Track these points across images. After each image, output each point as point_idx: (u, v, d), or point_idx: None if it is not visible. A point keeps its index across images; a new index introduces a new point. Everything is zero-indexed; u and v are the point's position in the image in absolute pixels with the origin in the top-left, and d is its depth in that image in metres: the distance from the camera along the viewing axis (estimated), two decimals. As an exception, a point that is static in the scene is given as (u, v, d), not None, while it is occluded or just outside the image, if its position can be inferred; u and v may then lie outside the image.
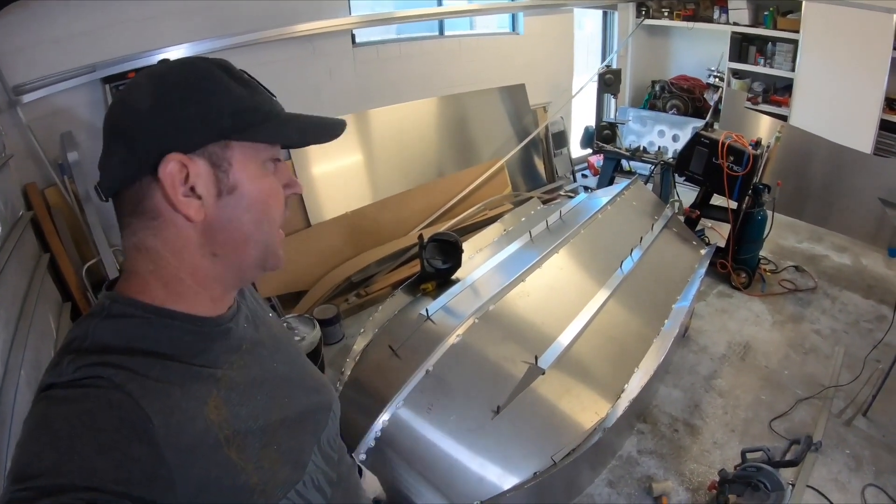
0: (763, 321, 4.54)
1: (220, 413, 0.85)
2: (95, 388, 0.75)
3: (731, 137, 4.75)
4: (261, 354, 1.00)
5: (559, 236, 3.83)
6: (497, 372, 2.79)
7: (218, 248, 0.88)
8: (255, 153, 0.88)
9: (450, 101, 6.31)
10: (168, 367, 0.82)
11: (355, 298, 4.85)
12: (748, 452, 2.98)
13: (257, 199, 0.88)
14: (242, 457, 0.85)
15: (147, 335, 0.83)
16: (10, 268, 2.77)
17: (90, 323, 0.83)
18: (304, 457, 0.99)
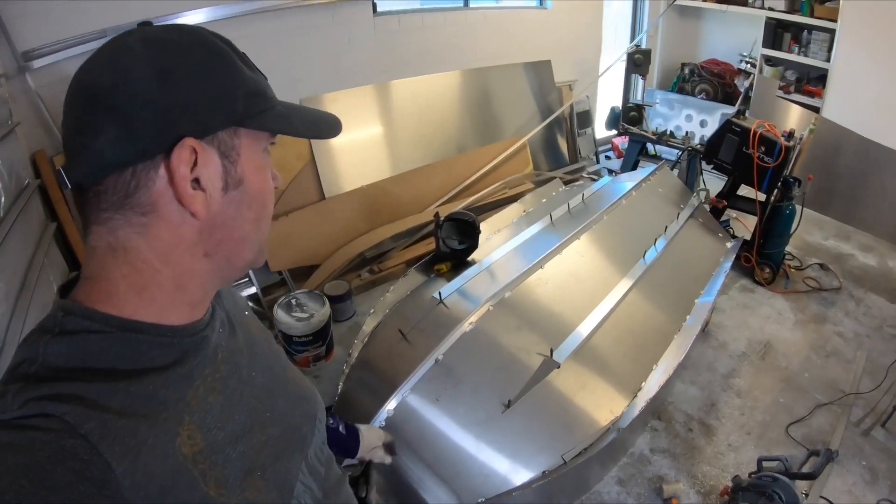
0: (785, 320, 4.39)
1: (194, 444, 0.73)
2: (44, 433, 0.61)
3: (763, 127, 4.58)
4: (238, 363, 0.89)
5: (581, 221, 3.69)
6: (510, 363, 2.68)
7: (212, 249, 0.78)
8: (259, 142, 0.80)
9: (473, 74, 6.11)
10: (132, 395, 0.69)
11: (368, 275, 4.76)
12: (765, 461, 2.86)
13: (259, 194, 0.81)
14: (223, 492, 0.74)
15: (107, 353, 0.71)
16: (13, 238, 2.67)
17: (40, 341, 0.69)
18: (291, 479, 0.90)
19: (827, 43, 6.66)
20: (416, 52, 5.67)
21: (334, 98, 5.04)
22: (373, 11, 5.28)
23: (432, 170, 5.60)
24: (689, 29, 8.34)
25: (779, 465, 2.80)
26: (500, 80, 6.30)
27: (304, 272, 4.64)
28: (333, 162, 5.09)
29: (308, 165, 4.89)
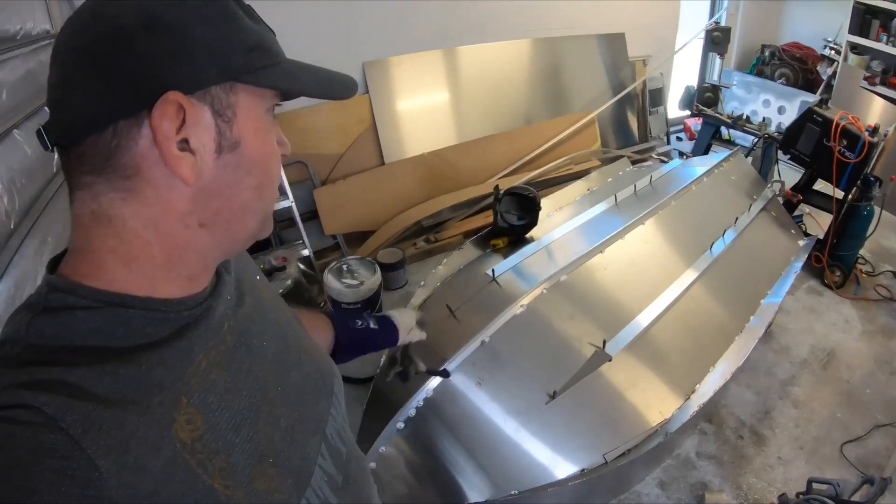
0: (852, 328, 4.16)
1: (193, 429, 0.65)
2: (22, 427, 0.53)
3: (846, 119, 4.30)
4: (248, 332, 0.81)
5: (647, 205, 3.50)
6: (559, 352, 2.54)
7: (208, 219, 0.69)
8: (262, 102, 0.70)
9: (543, 44, 5.90)
10: (121, 377, 0.61)
11: (424, 244, 4.70)
12: (815, 482, 2.68)
13: (261, 159, 0.71)
14: (229, 483, 0.66)
15: (94, 331, 0.63)
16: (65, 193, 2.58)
17: (23, 319, 0.63)
18: (309, 464, 0.82)
19: (918, 33, 6.22)
20: (487, 18, 5.48)
21: (399, 62, 4.94)
22: (444, -27, 5.10)
23: (496, 141, 5.47)
24: (772, 9, 7.98)
25: (829, 489, 2.63)
26: (571, 51, 6.10)
27: (359, 237, 4.62)
28: (395, 127, 5.02)
29: (368, 129, 4.83)
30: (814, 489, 2.65)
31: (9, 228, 2.06)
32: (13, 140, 2.25)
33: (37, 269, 2.14)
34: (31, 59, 2.73)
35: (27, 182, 2.33)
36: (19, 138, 2.32)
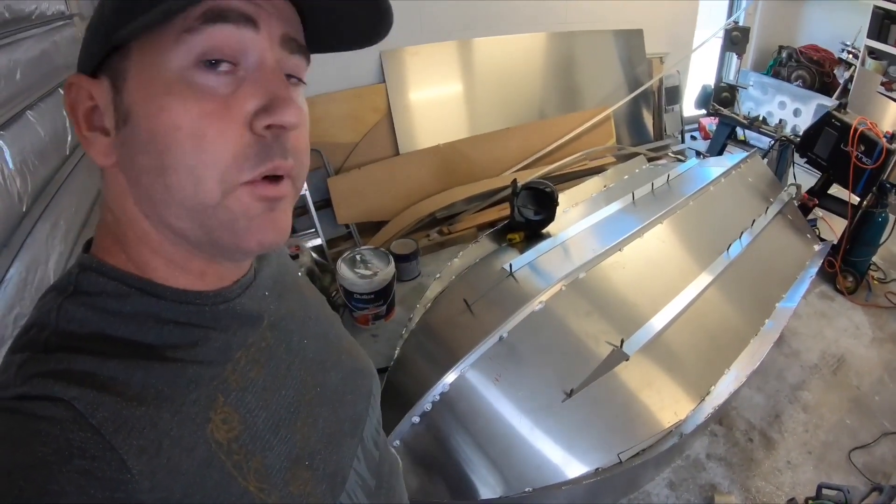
0: (863, 335, 4.15)
1: (229, 430, 0.62)
2: (49, 423, 0.50)
3: (865, 124, 4.29)
4: (288, 329, 0.77)
5: (665, 204, 3.49)
6: (577, 350, 2.54)
7: (140, 202, 0.61)
8: (159, 56, 0.55)
9: (560, 38, 5.88)
10: (154, 372, 0.58)
11: (437, 235, 4.70)
12: (825, 488, 2.69)
13: (156, 132, 0.56)
14: (264, 486, 0.63)
15: (126, 320, 0.60)
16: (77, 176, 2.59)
17: (53, 302, 0.59)
18: (344, 467, 0.78)
19: (937, 39, 6.20)
20: (504, 9, 5.45)
21: (415, 52, 4.93)
22: (461, -38, 5.09)
23: (511, 134, 5.46)
24: (791, 10, 7.92)
25: (839, 495, 2.65)
26: (588, 46, 6.07)
27: (372, 227, 4.62)
28: (410, 117, 5.01)
29: (384, 119, 4.83)
30: (823, 494, 2.66)
31: (20, 210, 2.03)
32: (26, 121, 2.23)
33: (48, 253, 2.13)
34: (46, 39, 2.72)
35: (40, 164, 2.31)
36: (32, 119, 2.30)
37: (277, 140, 0.58)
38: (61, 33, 2.95)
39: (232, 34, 0.55)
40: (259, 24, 0.57)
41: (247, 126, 0.56)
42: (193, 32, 0.54)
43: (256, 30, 0.57)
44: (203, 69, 0.55)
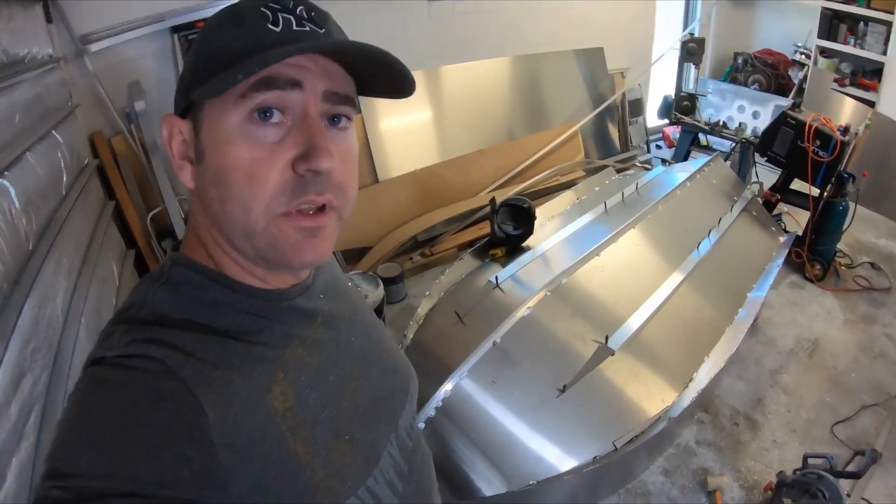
0: (834, 318, 4.36)
1: (285, 400, 0.76)
2: (144, 374, 0.66)
3: (819, 120, 4.53)
4: (338, 328, 0.91)
5: (635, 211, 3.71)
6: (565, 349, 2.72)
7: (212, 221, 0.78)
8: (224, 110, 0.70)
9: (524, 61, 6.12)
10: (228, 347, 0.73)
11: (420, 258, 4.83)
12: (810, 457, 2.87)
13: (220, 171, 0.71)
14: (310, 450, 0.76)
15: (206, 307, 0.75)
16: (75, 215, 2.76)
17: (149, 289, 0.75)
18: (379, 448, 0.90)
19: (884, 35, 6.50)
20: (470, 38, 5.71)
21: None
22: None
23: (484, 156, 5.63)
24: (743, 18, 8.22)
25: (824, 462, 2.81)
26: (551, 66, 6.30)
27: (356, 254, 4.72)
28: (386, 145, 5.18)
29: (362, 148, 4.98)
30: (809, 464, 2.83)
31: (27, 249, 2.19)
32: (26, 162, 2.37)
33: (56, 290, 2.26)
34: (39, 82, 2.90)
35: (41, 203, 2.47)
36: (32, 160, 2.45)
37: (316, 179, 0.71)
38: (51, 76, 3.17)
39: (280, 96, 0.69)
40: (304, 85, 0.70)
41: (290, 168, 0.70)
42: (248, 98, 0.68)
43: (302, 90, 0.70)
44: (257, 121, 0.69)
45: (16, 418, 1.65)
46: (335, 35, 0.77)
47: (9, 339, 1.71)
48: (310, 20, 0.74)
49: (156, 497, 0.60)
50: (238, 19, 0.71)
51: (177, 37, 4.09)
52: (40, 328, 2.00)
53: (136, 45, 3.99)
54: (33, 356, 1.89)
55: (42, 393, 1.88)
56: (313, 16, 0.75)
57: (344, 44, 0.74)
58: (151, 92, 3.98)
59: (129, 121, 3.96)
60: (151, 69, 4.13)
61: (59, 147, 2.94)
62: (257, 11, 0.71)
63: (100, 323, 2.54)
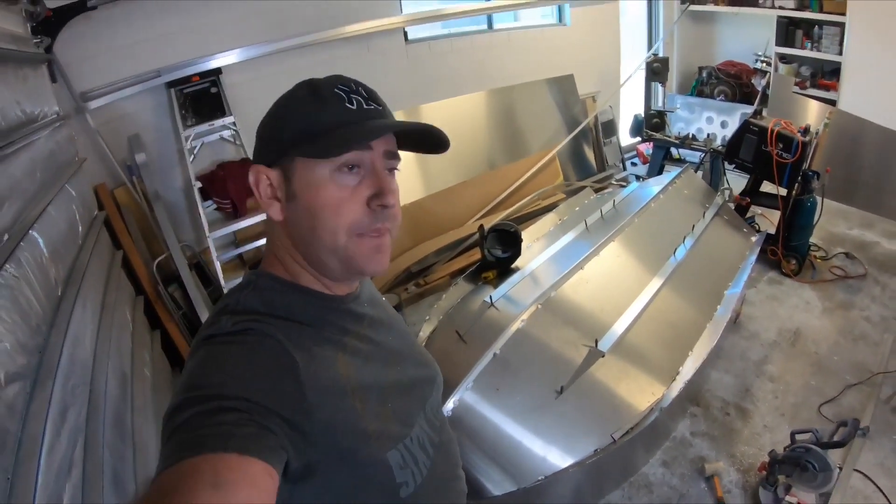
0: (813, 308, 4.60)
1: (347, 369, 1.02)
2: (252, 336, 0.93)
3: (779, 125, 4.80)
4: (379, 330, 1.16)
5: (614, 225, 3.96)
6: (559, 355, 2.95)
7: (297, 244, 1.04)
8: (316, 163, 0.97)
9: (500, 93, 6.42)
10: (304, 331, 1.00)
11: (415, 288, 5.02)
12: (797, 434, 3.05)
13: (311, 207, 0.98)
14: (363, 407, 1.00)
15: (285, 304, 1.02)
16: (93, 264, 2.94)
17: (241, 293, 1.02)
18: (412, 418, 1.12)
19: (838, 36, 6.85)
20: (447, 76, 6.02)
21: None
22: (405, 39, 5.66)
23: (468, 186, 5.88)
24: (704, 33, 8.56)
25: (811, 436, 2.99)
26: (525, 97, 6.58)
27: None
28: (374, 184, 5.37)
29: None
30: (797, 439, 3.02)
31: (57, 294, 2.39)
32: (49, 215, 2.56)
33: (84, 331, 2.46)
34: (51, 139, 3.11)
35: (65, 252, 2.68)
36: (53, 213, 2.65)
37: (382, 212, 0.99)
38: (60, 133, 3.38)
39: (357, 155, 0.98)
40: (374, 148, 0.99)
41: (365, 204, 0.98)
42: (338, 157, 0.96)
43: (371, 151, 0.99)
44: (342, 171, 0.97)
45: (66, 446, 1.84)
46: (386, 110, 1.04)
47: (55, 375, 1.92)
48: (371, 99, 1.02)
49: (261, 405, 0.83)
50: (320, 98, 0.99)
51: (173, 91, 4.32)
52: (76, 367, 2.20)
53: (133, 100, 4.22)
54: (73, 392, 2.08)
55: (83, 426, 2.07)
56: (371, 95, 1.03)
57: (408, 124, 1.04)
58: (151, 144, 4.23)
59: (130, 173, 4.18)
60: (150, 122, 4.36)
61: (74, 200, 3.14)
62: (333, 93, 1.00)
63: (122, 364, 2.75)
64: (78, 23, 3.76)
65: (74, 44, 3.82)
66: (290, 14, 4.80)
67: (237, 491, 0.72)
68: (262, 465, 0.77)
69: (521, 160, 6.32)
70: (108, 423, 2.22)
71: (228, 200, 4.41)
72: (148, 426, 2.61)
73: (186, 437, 0.77)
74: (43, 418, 1.71)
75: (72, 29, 3.74)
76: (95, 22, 3.87)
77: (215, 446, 0.75)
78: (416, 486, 1.07)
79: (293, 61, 4.83)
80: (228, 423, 0.79)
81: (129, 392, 2.64)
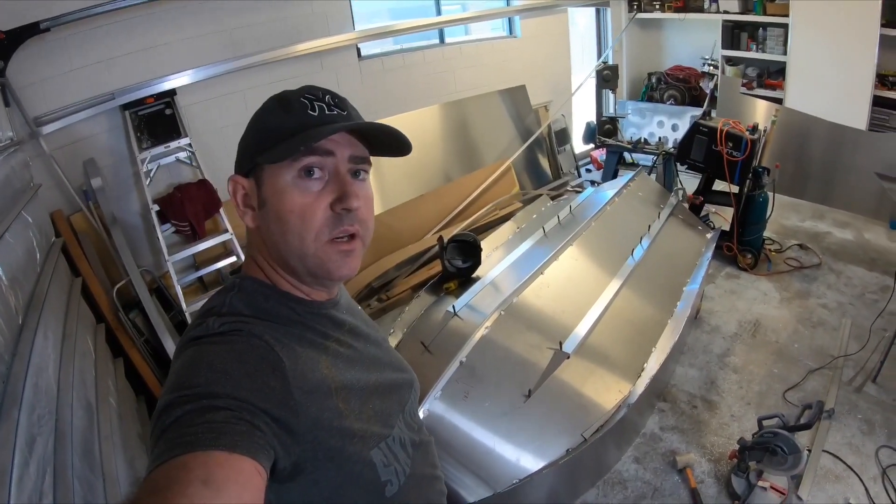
0: (771, 299, 4.71)
1: (330, 370, 1.04)
2: (239, 335, 0.96)
3: (728, 124, 4.93)
4: (358, 337, 1.18)
5: (571, 230, 4.01)
6: (525, 359, 2.98)
7: (271, 251, 1.07)
8: (280, 170, 1.00)
9: (453, 106, 6.49)
10: (289, 333, 1.02)
11: (377, 303, 5.01)
12: (764, 420, 3.11)
13: (278, 213, 1.01)
14: (346, 407, 1.03)
15: (269, 307, 1.04)
16: (52, 292, 2.90)
17: (227, 296, 1.05)
18: (392, 419, 1.15)
19: (782, 37, 7.05)
20: (401, 90, 6.08)
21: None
22: (358, 56, 5.70)
23: (424, 200, 5.92)
24: (652, 39, 8.76)
25: (777, 421, 3.04)
26: (478, 109, 6.66)
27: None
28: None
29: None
30: (764, 425, 3.07)
31: (18, 322, 2.36)
32: (6, 242, 2.55)
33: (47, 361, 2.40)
34: (6, 165, 3.07)
35: (24, 280, 2.64)
36: (10, 240, 2.63)
37: (348, 215, 1.02)
38: (14, 159, 3.32)
39: (320, 160, 1.00)
40: (335, 153, 1.02)
41: (329, 208, 1.01)
42: (297, 161, 0.99)
43: (334, 157, 1.02)
44: (304, 177, 1.00)
45: (35, 476, 1.82)
46: (353, 115, 1.08)
47: (20, 405, 1.90)
48: (336, 105, 1.06)
49: (250, 403, 0.85)
50: (285, 107, 1.03)
51: (127, 113, 4.26)
52: (41, 396, 2.16)
53: (88, 123, 4.17)
54: (39, 422, 2.05)
55: (51, 456, 2.04)
56: (337, 102, 1.07)
57: (362, 124, 1.05)
58: (107, 168, 4.16)
59: (87, 198, 4.11)
60: (105, 146, 4.30)
61: (30, 227, 3.10)
62: (298, 101, 1.03)
63: (86, 393, 2.69)
64: (31, 45, 3.72)
65: (28, 67, 3.78)
66: (244, 34, 4.82)
67: (227, 488, 0.74)
68: (251, 463, 0.80)
69: (477, 171, 6.38)
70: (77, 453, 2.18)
71: (187, 223, 4.33)
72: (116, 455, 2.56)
73: (177, 434, 0.79)
74: (11, 448, 1.70)
75: (25, 51, 3.70)
76: (49, 44, 3.84)
77: (206, 444, 0.77)
78: (400, 485, 1.11)
79: (247, 80, 4.84)
80: (218, 420, 0.81)
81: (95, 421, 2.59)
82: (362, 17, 5.73)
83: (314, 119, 1.02)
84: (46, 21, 3.68)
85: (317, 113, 1.03)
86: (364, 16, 5.78)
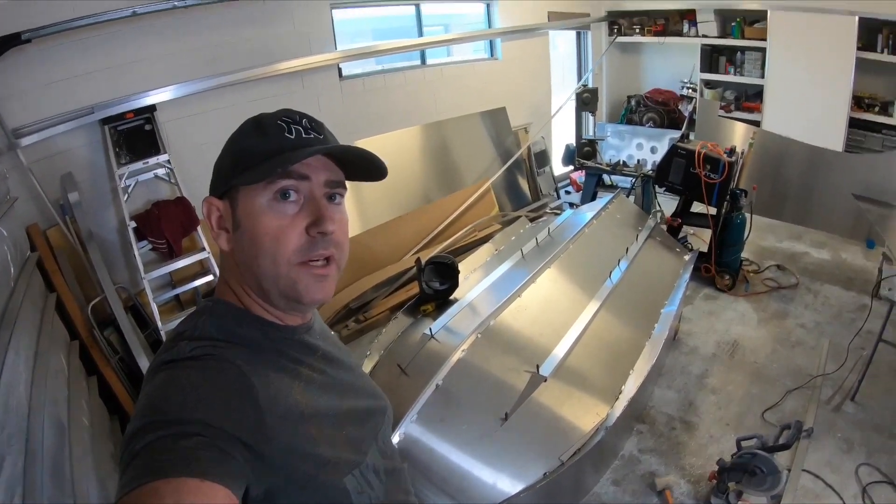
0: (749, 320, 4.74)
1: (303, 396, 1.03)
2: (212, 360, 0.95)
3: (706, 147, 4.99)
4: (331, 362, 1.17)
5: (549, 252, 4.02)
6: (502, 382, 2.96)
7: (244, 274, 1.06)
8: (255, 192, 1.00)
9: (433, 128, 6.52)
10: (262, 359, 1.02)
11: (354, 324, 5.01)
12: (743, 440, 3.12)
13: (253, 236, 1.00)
14: (319, 433, 1.02)
15: (241, 332, 1.03)
16: (25, 308, 2.86)
17: (198, 320, 1.03)
18: (366, 446, 1.15)
19: (759, 61, 7.22)
20: (381, 111, 6.09)
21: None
22: (339, 76, 5.71)
23: (404, 221, 5.92)
24: (632, 63, 8.89)
25: (756, 442, 3.07)
26: (459, 130, 6.70)
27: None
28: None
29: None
30: (743, 446, 3.09)
31: None
32: None
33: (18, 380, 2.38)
34: None
35: None
36: None
37: (323, 238, 1.01)
38: None
39: (294, 183, 1.00)
40: (311, 178, 1.01)
41: (304, 232, 1.00)
42: (273, 184, 0.98)
43: (309, 181, 1.01)
44: (279, 200, 0.99)
45: (4, 497, 1.80)
46: (329, 139, 1.08)
47: None
48: (312, 129, 1.06)
49: (222, 429, 0.84)
50: (261, 130, 1.03)
51: (107, 128, 4.22)
52: (10, 415, 2.14)
53: (67, 137, 4.12)
54: (9, 441, 2.03)
55: (20, 477, 2.01)
56: (314, 126, 1.07)
57: (337, 148, 1.05)
58: (84, 183, 4.12)
59: (63, 212, 4.07)
60: (83, 160, 4.26)
61: (5, 241, 3.07)
62: (275, 124, 1.03)
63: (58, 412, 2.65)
64: (11, 56, 3.68)
65: (8, 78, 3.75)
66: (225, 51, 4.81)
67: None
68: (223, 491, 0.79)
69: (457, 193, 6.41)
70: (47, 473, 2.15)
71: (164, 240, 4.30)
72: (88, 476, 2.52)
73: (148, 461, 0.78)
74: (-22, 469, 1.64)
75: (5, 62, 3.67)
76: (29, 56, 3.80)
77: (177, 471, 0.76)
78: None
79: (228, 98, 4.84)
80: (190, 447, 0.80)
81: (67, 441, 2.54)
82: (344, 37, 5.77)
83: (291, 142, 1.02)
84: (28, 32, 3.65)
85: (293, 136, 1.03)
86: (346, 35, 5.82)
